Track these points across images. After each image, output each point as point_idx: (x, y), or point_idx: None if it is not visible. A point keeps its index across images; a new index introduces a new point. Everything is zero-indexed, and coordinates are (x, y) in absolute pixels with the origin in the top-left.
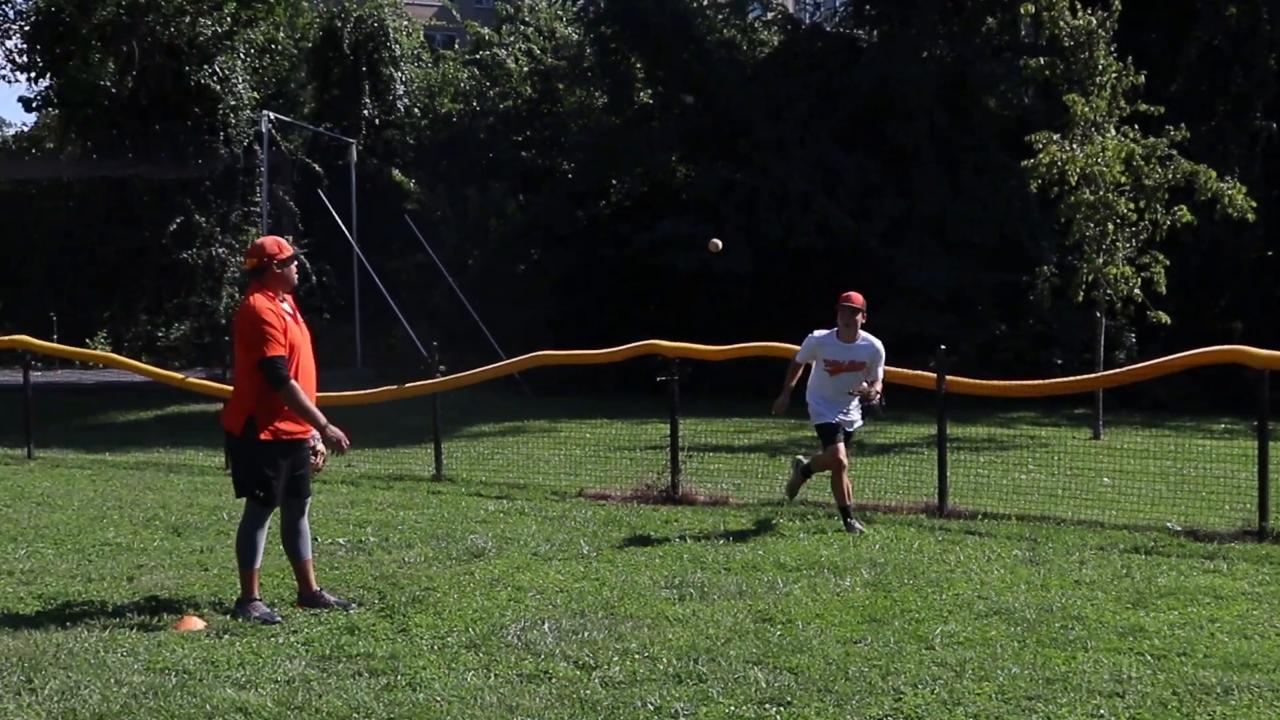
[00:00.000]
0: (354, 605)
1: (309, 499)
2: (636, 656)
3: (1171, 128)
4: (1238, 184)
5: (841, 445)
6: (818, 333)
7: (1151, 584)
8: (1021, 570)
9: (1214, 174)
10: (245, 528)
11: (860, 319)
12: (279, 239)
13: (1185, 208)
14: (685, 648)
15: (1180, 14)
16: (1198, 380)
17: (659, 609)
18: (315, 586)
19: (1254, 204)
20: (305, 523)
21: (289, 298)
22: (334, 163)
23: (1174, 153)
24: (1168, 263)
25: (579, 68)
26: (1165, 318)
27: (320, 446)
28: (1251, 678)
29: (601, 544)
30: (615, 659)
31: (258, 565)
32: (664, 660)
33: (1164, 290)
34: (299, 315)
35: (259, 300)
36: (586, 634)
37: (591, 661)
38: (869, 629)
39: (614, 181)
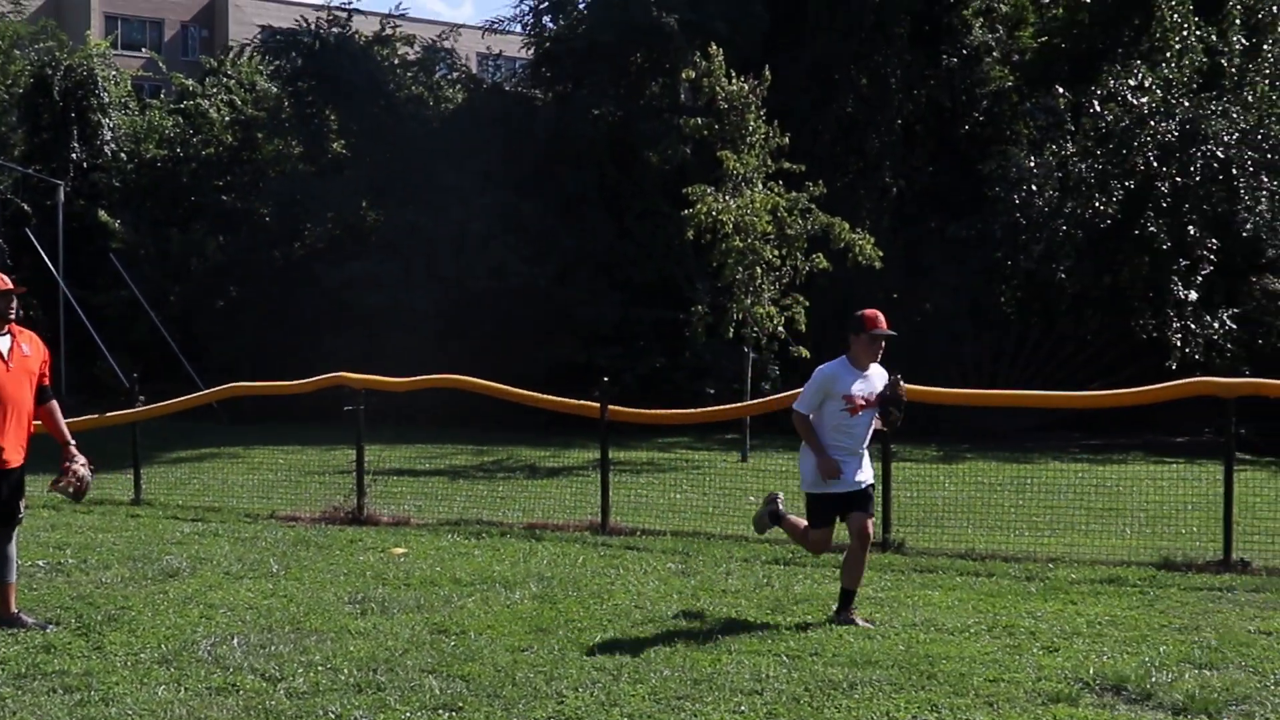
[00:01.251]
0: (51, 625)
1: (17, 527)
2: (320, 668)
3: (811, 184)
4: (867, 235)
5: (832, 530)
6: (827, 366)
7: (789, 592)
8: (675, 581)
9: (847, 226)
10: None
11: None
12: None
13: (822, 255)
14: (365, 659)
15: (821, 83)
16: None
17: (342, 623)
18: (14, 609)
19: (881, 253)
20: (13, 548)
21: (11, 332)
22: (43, 203)
23: (813, 206)
24: (807, 303)
25: (277, 119)
26: (805, 352)
27: (74, 466)
28: (873, 673)
29: (290, 563)
30: (300, 671)
31: None
32: (345, 671)
33: (804, 328)
34: (20, 350)
35: None
36: (273, 648)
37: (278, 674)
38: (536, 638)
39: (308, 224)
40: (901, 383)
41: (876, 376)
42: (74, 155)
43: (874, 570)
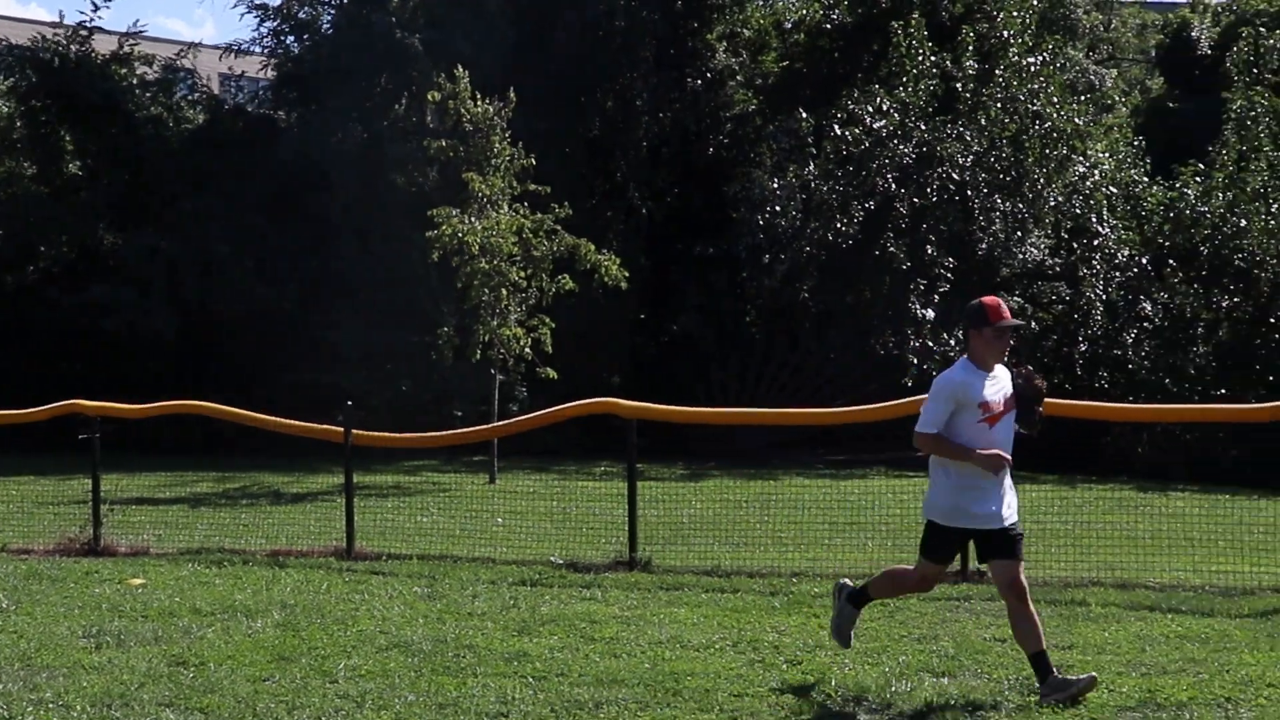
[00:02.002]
0: None
1: None
2: (51, 705)
3: (557, 205)
4: (613, 256)
5: (943, 570)
6: (949, 372)
7: (535, 613)
8: (420, 605)
9: (593, 247)
10: None
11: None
12: None
13: (568, 276)
14: (100, 694)
15: (568, 105)
16: (581, 428)
17: (75, 658)
18: None
19: (626, 274)
20: None
21: None
22: None
23: (559, 227)
24: (554, 325)
25: (8, 138)
26: (553, 373)
27: None
28: (619, 692)
29: (21, 597)
30: (30, 710)
31: None
32: (79, 708)
33: (550, 349)
34: None
35: None
36: (1, 687)
37: (5, 713)
38: (278, 667)
39: (42, 247)
40: (1041, 380)
41: (1004, 377)
42: None
43: (620, 589)
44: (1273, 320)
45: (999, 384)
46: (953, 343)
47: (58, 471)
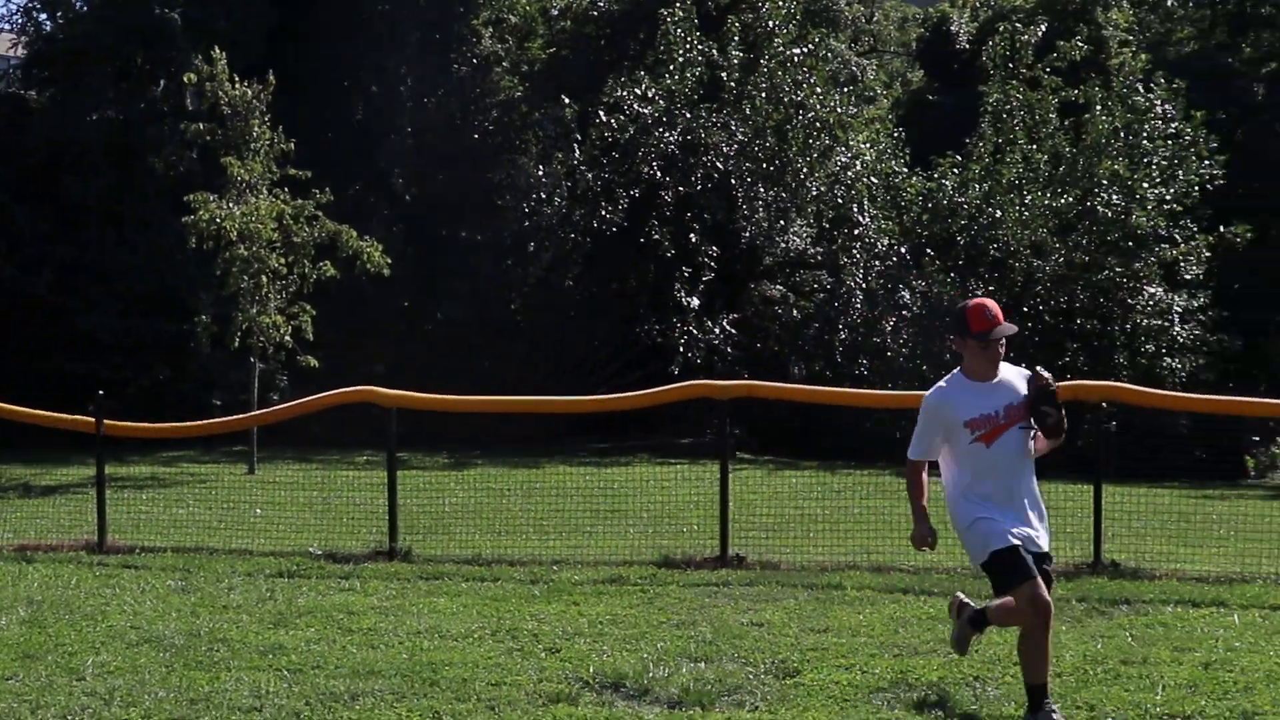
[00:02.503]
0: None
1: None
2: None
3: (318, 191)
4: (376, 243)
5: (1039, 580)
6: (936, 389)
7: (292, 604)
8: (174, 599)
9: (355, 233)
10: None
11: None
12: None
13: (330, 263)
14: None
15: (331, 89)
16: (344, 417)
17: None
18: None
19: (390, 261)
20: None
21: None
22: None
23: (320, 214)
24: (315, 312)
25: None
26: (314, 361)
27: None
28: (376, 684)
29: None
30: None
31: None
32: None
33: (312, 337)
34: None
35: None
36: None
37: None
38: (22, 665)
39: None
40: (1046, 375)
41: (1013, 381)
42: None
43: (379, 580)
44: (1026, 309)
45: (999, 393)
46: (717, 330)
47: None
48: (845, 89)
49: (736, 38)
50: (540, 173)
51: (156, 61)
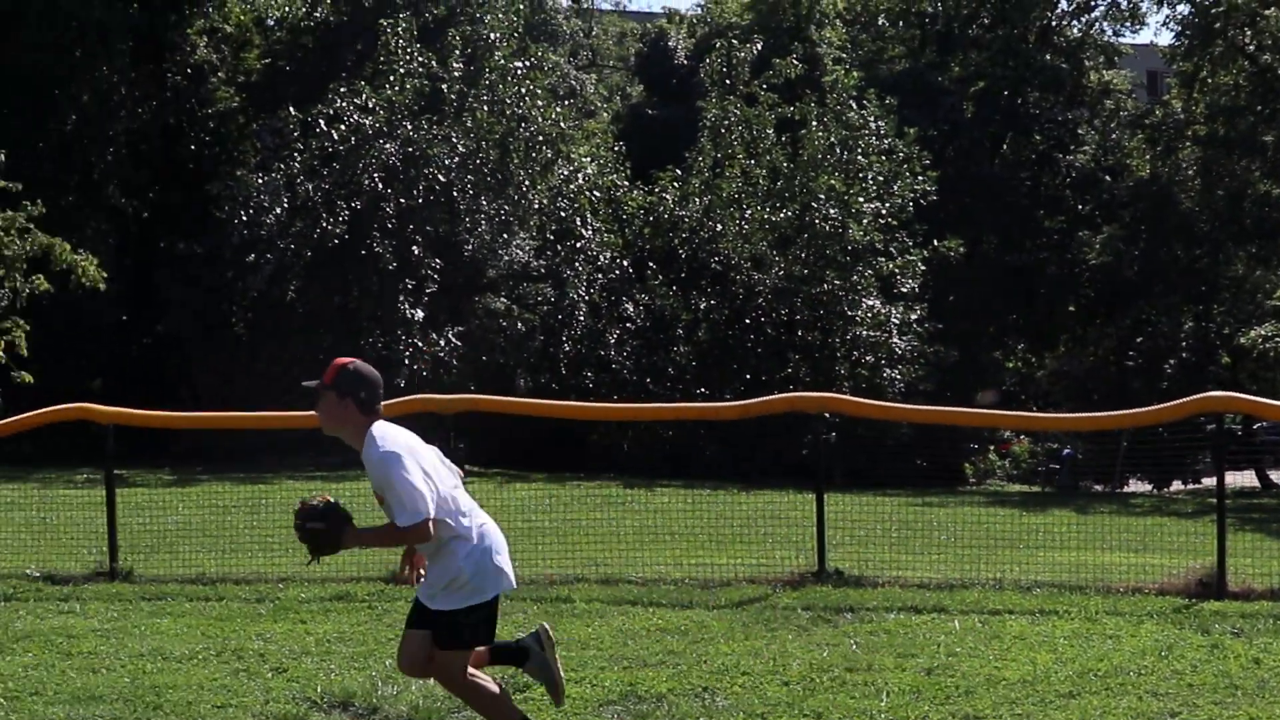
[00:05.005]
0: None
1: None
2: None
3: (29, 203)
4: (90, 256)
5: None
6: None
7: (9, 629)
8: None
9: (68, 246)
10: None
11: (338, 403)
12: None
13: (43, 277)
14: None
15: (37, 98)
16: (59, 434)
17: None
18: None
19: (105, 274)
20: None
21: None
22: None
23: (31, 226)
24: (29, 327)
25: None
26: (29, 377)
27: None
28: (97, 709)
29: None
30: None
31: None
32: None
33: (26, 353)
34: None
35: None
36: None
37: None
38: None
39: None
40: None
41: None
42: None
43: (100, 601)
44: (748, 321)
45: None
46: (442, 343)
47: None
48: (566, 102)
49: (457, 49)
50: (260, 182)
51: None
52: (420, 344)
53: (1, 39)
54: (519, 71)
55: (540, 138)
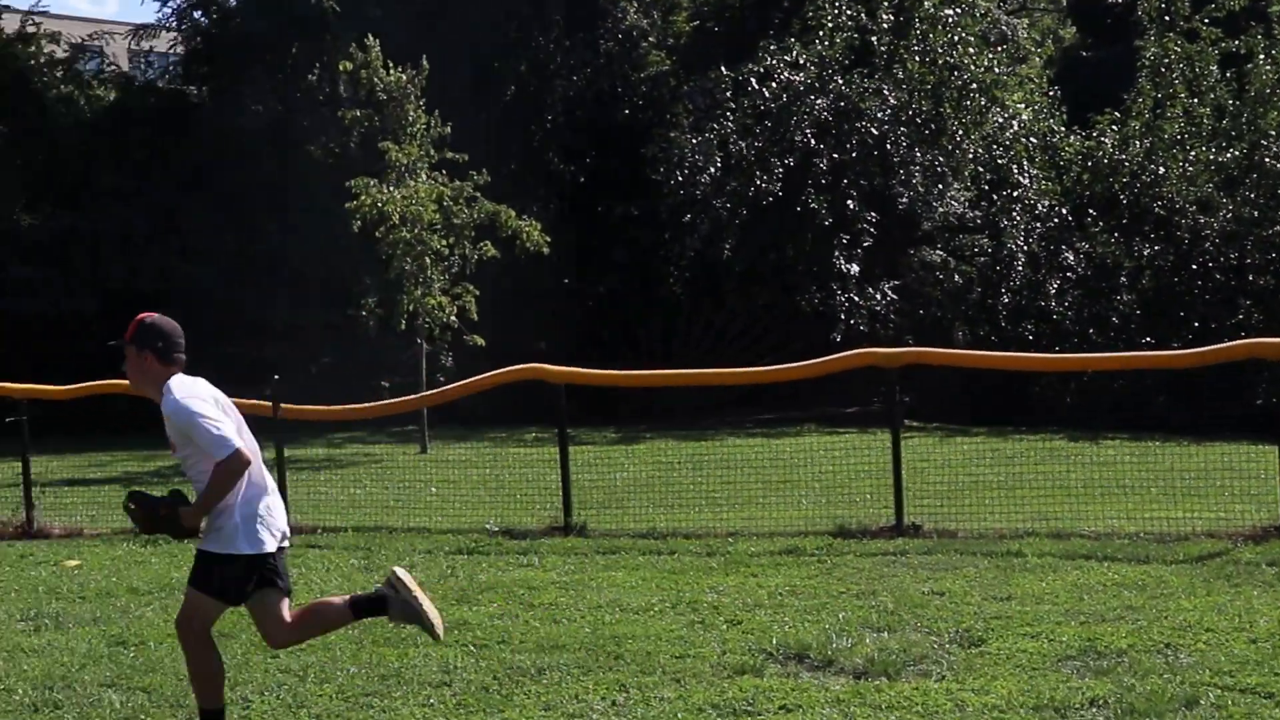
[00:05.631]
0: None
1: None
2: None
3: (475, 173)
4: (534, 222)
5: None
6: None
7: (473, 581)
8: (358, 577)
9: (513, 213)
10: None
11: (138, 357)
12: None
13: (490, 243)
14: (41, 677)
15: (479, 70)
16: (510, 395)
17: (15, 641)
18: None
19: (548, 239)
20: None
21: None
22: None
23: (478, 195)
24: (478, 292)
25: None
26: (480, 340)
27: None
28: (560, 658)
29: None
30: None
31: None
32: (20, 691)
33: (476, 317)
34: None
35: None
36: None
37: None
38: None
39: None
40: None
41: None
42: None
43: (557, 555)
44: (1194, 267)
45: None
46: (879, 297)
47: None
48: (998, 49)
49: (886, 1)
50: (694, 142)
51: (310, 51)
52: (856, 298)
53: (443, 14)
54: (949, 20)
55: (973, 86)
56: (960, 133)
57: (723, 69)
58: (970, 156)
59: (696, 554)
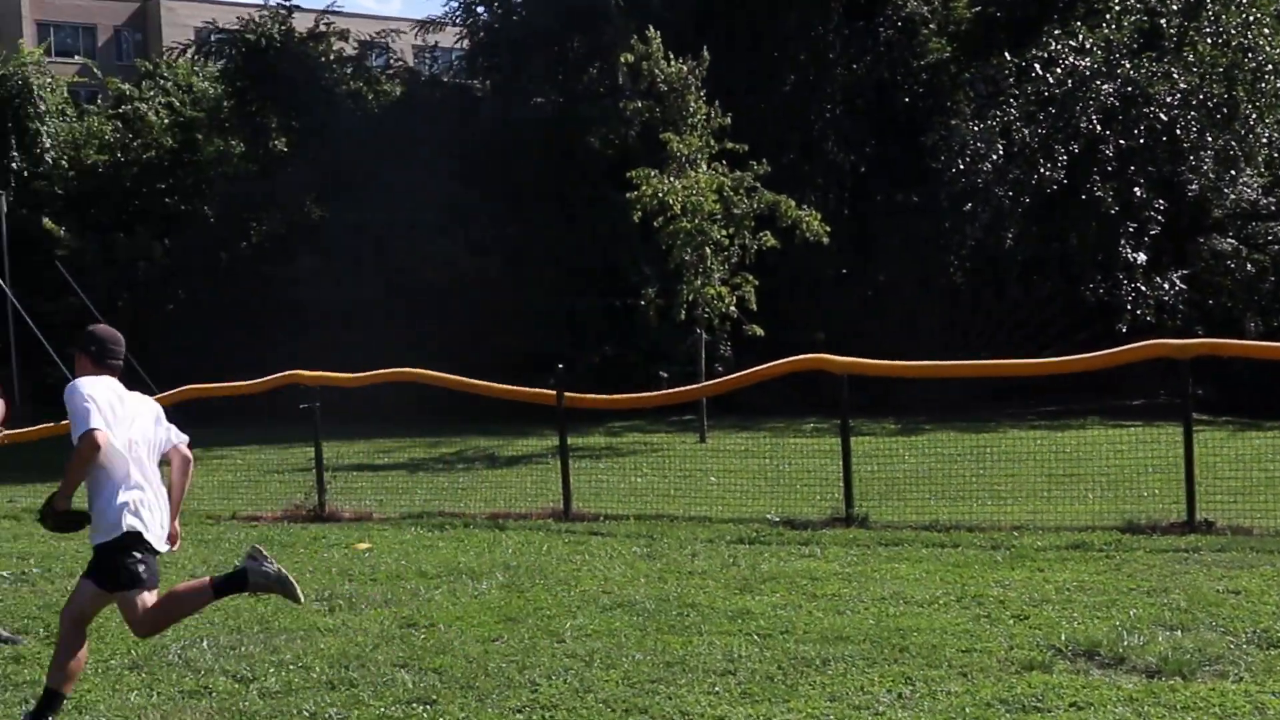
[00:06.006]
0: (21, 638)
1: None
2: (291, 667)
3: (755, 163)
4: (813, 211)
5: None
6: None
7: (756, 570)
8: (641, 565)
9: (793, 203)
10: None
11: (79, 359)
12: None
13: (769, 233)
14: (336, 656)
15: (762, 63)
16: (788, 386)
17: (311, 621)
18: None
19: (828, 228)
20: None
21: None
22: None
23: (758, 185)
24: (757, 282)
25: (217, 119)
26: (759, 330)
27: None
28: (845, 649)
29: None
30: (271, 671)
31: None
32: (317, 669)
33: (755, 307)
34: None
35: None
36: (243, 649)
37: (249, 674)
38: (505, 628)
39: (254, 224)
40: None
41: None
42: (14, 164)
43: (839, 546)
44: None
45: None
46: (1166, 286)
47: (279, 440)
48: None
49: None
50: (976, 129)
51: (591, 44)
52: (1143, 288)
53: (722, 5)
54: (1243, 0)
55: (1268, 67)
56: (1254, 116)
57: (1005, 55)
58: (1265, 141)
59: (980, 547)
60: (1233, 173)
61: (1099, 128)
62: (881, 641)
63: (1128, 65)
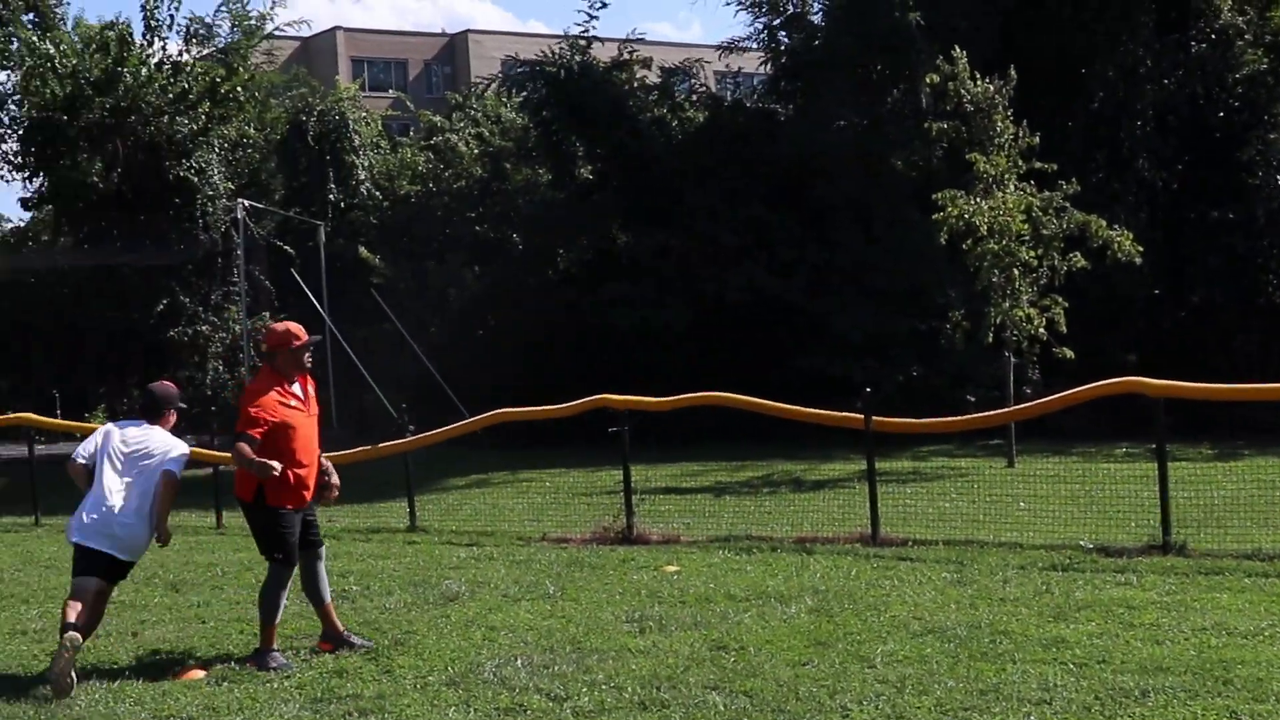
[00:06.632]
0: (371, 644)
1: (323, 547)
2: (604, 687)
3: (1064, 182)
4: (1125, 231)
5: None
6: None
7: (1070, 598)
8: (951, 591)
9: (1104, 223)
10: (269, 586)
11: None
12: (293, 326)
13: (1079, 254)
14: (648, 677)
15: (1070, 80)
16: (1099, 409)
17: (622, 642)
18: (340, 627)
19: (1140, 248)
20: (322, 569)
21: (300, 379)
22: (304, 243)
23: (1067, 204)
24: (1066, 304)
25: (524, 148)
26: (1069, 353)
27: (333, 480)
28: (1165, 680)
29: (565, 584)
30: (584, 690)
31: (278, 620)
32: (629, 689)
33: (1065, 329)
34: (310, 394)
35: (255, 383)
36: (556, 668)
37: (563, 693)
38: (815, 652)
39: (560, 250)
40: None
41: None
42: (331, 196)
43: (1155, 574)
44: None
45: None
46: None
47: (586, 463)
48: None
49: None
50: None
51: (894, 65)
52: None
53: (1026, 23)
54: None
55: None
56: None
57: None
58: None
59: None
60: None
61: None
62: (1203, 673)
63: None
